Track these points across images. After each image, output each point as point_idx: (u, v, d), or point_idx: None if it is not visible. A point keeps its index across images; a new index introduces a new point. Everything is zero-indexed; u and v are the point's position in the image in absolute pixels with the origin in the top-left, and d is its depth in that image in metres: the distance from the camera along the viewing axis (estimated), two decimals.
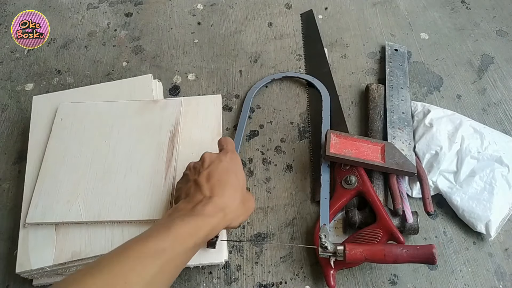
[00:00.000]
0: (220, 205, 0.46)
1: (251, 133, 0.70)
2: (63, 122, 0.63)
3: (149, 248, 0.40)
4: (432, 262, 0.49)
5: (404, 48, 0.78)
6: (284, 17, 0.87)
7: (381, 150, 0.61)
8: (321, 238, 0.51)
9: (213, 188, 0.47)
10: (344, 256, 0.50)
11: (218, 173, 0.49)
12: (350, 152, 0.60)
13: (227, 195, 0.47)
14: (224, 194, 0.47)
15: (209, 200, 0.46)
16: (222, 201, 0.46)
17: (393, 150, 0.61)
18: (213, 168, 0.49)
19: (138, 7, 0.90)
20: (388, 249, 0.50)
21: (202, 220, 0.44)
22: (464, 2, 0.88)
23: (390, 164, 0.59)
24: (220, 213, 0.45)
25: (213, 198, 0.46)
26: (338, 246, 0.51)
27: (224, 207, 0.46)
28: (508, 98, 0.73)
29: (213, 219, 0.45)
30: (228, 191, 0.47)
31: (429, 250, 0.49)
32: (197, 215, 0.44)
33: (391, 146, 0.61)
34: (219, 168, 0.49)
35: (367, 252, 0.50)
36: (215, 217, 0.45)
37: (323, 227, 0.55)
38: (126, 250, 0.40)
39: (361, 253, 0.50)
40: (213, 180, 0.48)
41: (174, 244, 0.41)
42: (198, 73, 0.78)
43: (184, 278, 0.57)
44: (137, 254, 0.39)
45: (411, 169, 0.59)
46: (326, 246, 0.51)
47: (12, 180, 0.66)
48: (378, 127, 0.67)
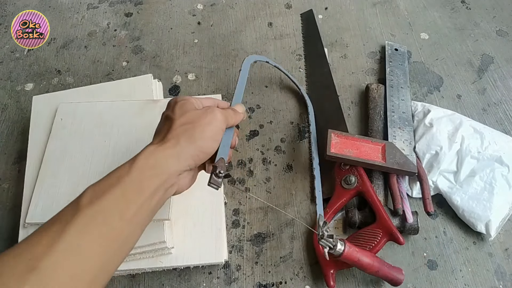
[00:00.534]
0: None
1: (251, 133, 0.70)
2: (63, 122, 0.63)
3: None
4: (396, 285, 0.53)
5: (404, 48, 0.78)
6: (284, 17, 0.87)
7: (382, 150, 0.61)
8: (325, 224, 0.50)
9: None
10: (341, 253, 0.49)
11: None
12: (351, 152, 0.60)
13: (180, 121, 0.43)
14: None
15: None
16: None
17: (393, 149, 0.61)
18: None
19: (138, 7, 0.90)
20: (376, 261, 0.52)
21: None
22: (464, 2, 0.88)
23: (390, 164, 0.59)
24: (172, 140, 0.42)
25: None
26: (339, 241, 0.49)
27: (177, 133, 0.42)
28: (508, 98, 0.73)
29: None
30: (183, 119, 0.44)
31: (399, 276, 0.53)
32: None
33: (391, 145, 0.61)
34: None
35: (360, 258, 0.50)
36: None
37: (320, 217, 0.52)
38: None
39: (356, 256, 0.50)
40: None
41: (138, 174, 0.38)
42: (198, 73, 0.78)
43: (184, 278, 0.57)
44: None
45: (412, 169, 0.59)
46: (332, 234, 0.49)
47: (12, 180, 0.66)
48: (378, 127, 0.67)
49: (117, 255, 0.37)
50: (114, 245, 0.36)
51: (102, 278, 0.35)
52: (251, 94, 0.75)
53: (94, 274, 0.34)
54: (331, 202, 0.60)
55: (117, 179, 0.38)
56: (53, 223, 0.35)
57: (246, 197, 0.64)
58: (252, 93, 0.75)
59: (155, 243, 0.52)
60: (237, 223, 0.61)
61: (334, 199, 0.60)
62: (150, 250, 0.53)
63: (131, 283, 0.57)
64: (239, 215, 0.62)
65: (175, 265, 0.54)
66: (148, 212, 0.39)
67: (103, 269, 0.35)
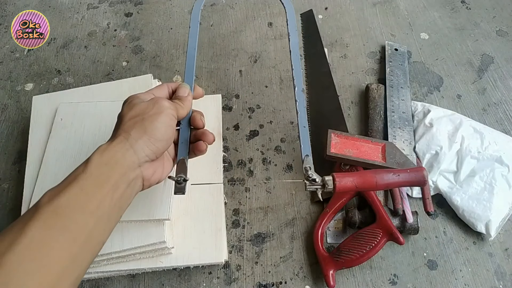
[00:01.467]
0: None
1: (251, 133, 0.70)
2: (63, 122, 0.63)
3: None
4: (423, 184, 0.48)
5: (404, 48, 0.78)
6: (284, 17, 0.86)
7: (382, 149, 0.61)
8: (307, 170, 0.47)
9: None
10: (334, 187, 0.46)
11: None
12: (351, 152, 0.60)
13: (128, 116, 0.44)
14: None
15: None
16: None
17: (393, 149, 0.61)
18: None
19: (138, 7, 0.90)
20: (379, 175, 0.48)
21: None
22: (464, 2, 0.88)
23: (390, 164, 0.59)
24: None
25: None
26: (326, 177, 0.47)
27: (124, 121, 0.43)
28: (508, 98, 0.73)
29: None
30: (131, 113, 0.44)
31: (420, 173, 0.48)
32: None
33: (391, 145, 0.61)
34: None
35: (358, 180, 0.47)
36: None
37: (306, 159, 0.49)
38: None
39: (352, 182, 0.47)
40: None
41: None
42: (198, 73, 0.78)
43: (184, 278, 0.57)
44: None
45: None
46: (314, 178, 0.47)
47: (12, 180, 0.66)
48: (378, 127, 0.67)
49: (86, 249, 0.37)
50: (80, 238, 0.36)
51: (72, 271, 0.36)
52: (251, 94, 0.75)
53: (63, 266, 0.34)
54: (331, 202, 0.60)
55: (74, 177, 0.38)
56: (15, 224, 0.35)
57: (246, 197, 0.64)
58: (252, 93, 0.75)
59: (155, 243, 0.52)
60: (237, 223, 0.62)
61: (334, 199, 0.60)
62: (150, 250, 0.53)
63: (131, 283, 0.57)
64: (239, 215, 0.62)
65: (175, 265, 0.54)
66: (112, 206, 0.39)
67: (73, 262, 0.35)
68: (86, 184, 0.38)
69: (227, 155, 0.68)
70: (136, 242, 0.52)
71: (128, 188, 0.41)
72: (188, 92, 0.50)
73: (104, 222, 0.39)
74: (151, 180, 0.44)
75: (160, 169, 0.46)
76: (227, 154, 0.68)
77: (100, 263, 0.53)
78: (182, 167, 0.47)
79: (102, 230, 0.39)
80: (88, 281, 0.57)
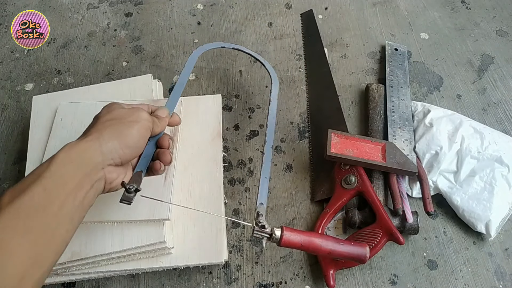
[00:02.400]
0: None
1: (251, 133, 0.70)
2: (63, 122, 0.63)
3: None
4: (362, 262, 0.49)
5: (404, 48, 0.78)
6: (284, 17, 0.87)
7: (382, 149, 0.61)
8: (258, 215, 0.47)
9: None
10: (280, 239, 0.47)
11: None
12: (351, 151, 0.60)
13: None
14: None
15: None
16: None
17: (394, 149, 0.61)
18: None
19: (138, 7, 0.90)
20: (325, 241, 0.49)
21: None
22: (464, 2, 0.88)
23: (391, 164, 0.59)
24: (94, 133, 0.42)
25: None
26: (275, 229, 0.47)
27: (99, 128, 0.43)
28: (508, 98, 0.73)
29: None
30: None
31: (362, 250, 0.49)
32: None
33: (391, 145, 0.61)
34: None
35: (304, 240, 0.48)
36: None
37: (260, 206, 0.50)
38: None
39: (298, 239, 0.47)
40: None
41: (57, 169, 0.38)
42: (198, 73, 0.78)
43: (184, 278, 0.57)
44: None
45: (412, 169, 0.59)
46: (264, 224, 0.47)
47: (12, 180, 0.66)
48: (378, 127, 0.67)
49: (49, 249, 0.37)
50: (42, 240, 0.36)
51: (34, 273, 0.35)
52: (251, 94, 0.75)
53: (24, 268, 0.34)
54: (331, 202, 0.60)
55: (37, 175, 0.37)
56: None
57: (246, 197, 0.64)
58: (252, 93, 0.75)
59: (155, 243, 0.52)
60: (237, 223, 0.61)
61: (334, 199, 0.60)
62: (150, 250, 0.53)
63: (131, 283, 0.57)
64: (239, 215, 0.62)
65: (175, 265, 0.54)
66: (76, 206, 0.39)
67: (35, 263, 0.35)
68: (49, 183, 0.37)
69: (227, 155, 0.68)
70: (136, 242, 0.52)
71: (92, 189, 0.41)
72: (166, 114, 0.51)
73: (67, 222, 0.38)
74: (112, 184, 0.44)
75: (122, 176, 0.45)
76: (227, 154, 0.68)
77: (100, 263, 0.53)
78: (137, 178, 0.47)
79: (65, 231, 0.38)
80: (88, 281, 0.57)
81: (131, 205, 0.46)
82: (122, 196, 0.45)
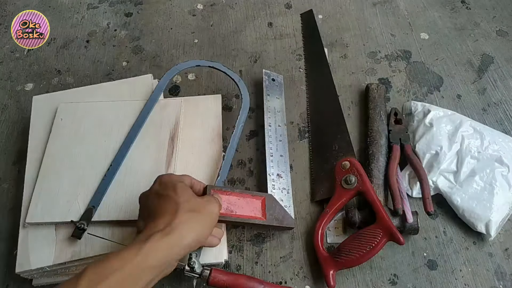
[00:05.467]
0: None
1: (251, 133, 0.70)
2: (63, 122, 0.63)
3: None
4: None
5: (281, 78, 0.75)
6: (284, 17, 0.87)
7: (262, 204, 0.57)
8: (191, 257, 0.50)
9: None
10: (208, 279, 0.50)
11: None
12: (236, 211, 0.55)
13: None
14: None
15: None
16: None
17: (273, 203, 0.58)
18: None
19: (138, 7, 0.90)
20: (251, 283, 0.51)
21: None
22: (464, 2, 0.88)
23: (270, 221, 0.56)
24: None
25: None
26: (205, 269, 0.51)
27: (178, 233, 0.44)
28: (508, 98, 0.73)
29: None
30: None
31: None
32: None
33: (271, 198, 0.58)
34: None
35: (230, 282, 0.51)
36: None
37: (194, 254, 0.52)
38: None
39: (224, 281, 0.51)
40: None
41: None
42: (198, 73, 0.78)
43: (184, 278, 0.57)
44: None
45: (290, 224, 0.58)
46: (193, 266, 0.50)
47: (12, 180, 0.66)
48: (378, 127, 0.67)
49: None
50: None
51: None
52: (251, 94, 0.75)
53: None
54: (331, 202, 0.60)
55: (121, 262, 0.40)
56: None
57: None
58: (252, 93, 0.75)
59: None
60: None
61: (334, 199, 0.60)
62: None
63: None
64: None
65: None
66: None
67: None
68: (128, 278, 0.39)
69: None
70: None
71: (159, 277, 0.44)
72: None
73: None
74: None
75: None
76: None
77: None
78: (88, 215, 0.54)
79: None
80: None
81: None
82: (73, 231, 0.53)
